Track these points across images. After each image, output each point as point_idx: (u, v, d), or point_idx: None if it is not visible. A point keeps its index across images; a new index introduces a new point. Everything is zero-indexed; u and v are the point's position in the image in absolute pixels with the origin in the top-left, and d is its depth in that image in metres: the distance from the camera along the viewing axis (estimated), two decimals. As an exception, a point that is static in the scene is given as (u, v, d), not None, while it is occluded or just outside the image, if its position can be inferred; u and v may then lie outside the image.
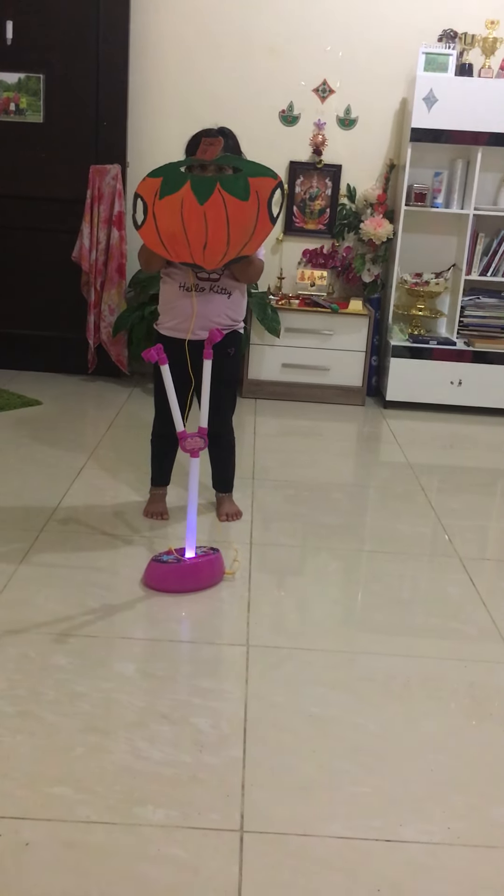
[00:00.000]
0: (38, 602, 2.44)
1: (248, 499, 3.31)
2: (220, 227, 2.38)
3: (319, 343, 4.82)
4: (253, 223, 2.42)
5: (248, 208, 2.38)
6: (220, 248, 2.44)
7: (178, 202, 2.35)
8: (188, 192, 2.34)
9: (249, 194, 2.36)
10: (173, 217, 2.38)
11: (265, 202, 2.40)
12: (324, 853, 1.60)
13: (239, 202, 2.36)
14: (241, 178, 2.37)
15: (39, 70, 4.73)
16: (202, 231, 2.38)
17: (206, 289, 2.77)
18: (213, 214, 2.35)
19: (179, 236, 2.41)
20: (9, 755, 1.80)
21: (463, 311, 4.90)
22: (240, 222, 2.39)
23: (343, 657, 2.29)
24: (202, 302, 2.77)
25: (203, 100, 4.80)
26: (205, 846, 1.59)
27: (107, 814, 1.66)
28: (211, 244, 2.41)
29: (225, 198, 2.34)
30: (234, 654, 2.25)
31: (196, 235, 2.40)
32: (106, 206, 4.73)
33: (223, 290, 2.80)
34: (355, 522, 3.32)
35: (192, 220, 2.37)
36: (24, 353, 5.06)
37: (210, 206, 2.34)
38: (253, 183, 2.37)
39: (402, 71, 4.79)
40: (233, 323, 2.88)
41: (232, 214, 2.37)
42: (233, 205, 2.36)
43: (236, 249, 2.47)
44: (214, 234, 2.39)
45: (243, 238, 2.44)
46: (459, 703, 2.12)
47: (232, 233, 2.40)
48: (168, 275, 2.81)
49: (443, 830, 1.68)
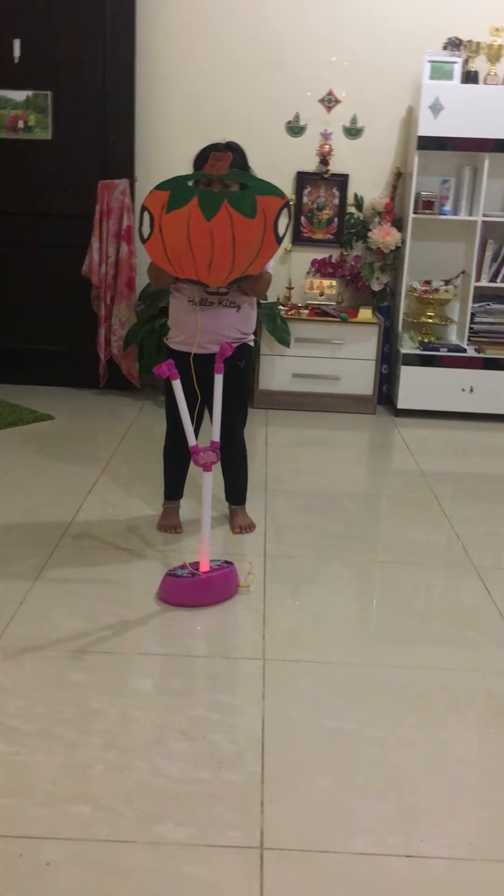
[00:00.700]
0: (54, 618, 2.44)
1: (260, 510, 3.32)
2: (226, 246, 2.38)
3: (329, 352, 4.82)
4: (259, 242, 2.42)
5: (254, 227, 2.38)
6: (225, 267, 2.44)
7: (185, 218, 2.36)
8: (195, 208, 2.34)
9: (256, 212, 2.36)
10: (179, 233, 2.38)
11: (272, 221, 2.40)
12: (345, 870, 1.60)
13: (246, 220, 2.36)
14: (249, 196, 2.37)
15: (47, 87, 4.77)
16: (208, 248, 2.38)
17: (215, 303, 2.78)
18: (220, 232, 2.35)
19: (185, 252, 2.41)
20: (28, 774, 1.81)
21: (473, 317, 4.90)
22: (246, 241, 2.39)
23: (359, 669, 2.29)
24: (211, 316, 2.78)
25: (210, 112, 4.82)
26: (225, 864, 1.59)
27: (126, 832, 1.66)
28: (216, 262, 2.41)
29: (232, 215, 2.34)
30: (251, 668, 2.25)
31: (201, 252, 2.40)
32: (115, 220, 4.75)
33: (232, 303, 2.80)
34: (368, 532, 3.31)
35: (198, 236, 2.37)
36: (36, 368, 5.09)
37: (216, 223, 2.34)
38: (260, 201, 2.37)
39: (408, 79, 4.80)
40: (242, 336, 2.88)
41: (238, 233, 2.37)
42: (239, 223, 2.35)
43: (241, 268, 2.47)
44: (220, 251, 2.39)
45: (249, 257, 2.44)
46: (477, 714, 2.12)
47: (237, 251, 2.40)
48: (177, 289, 2.82)
49: (464, 845, 1.67)
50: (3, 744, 1.89)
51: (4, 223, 4.94)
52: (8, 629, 2.37)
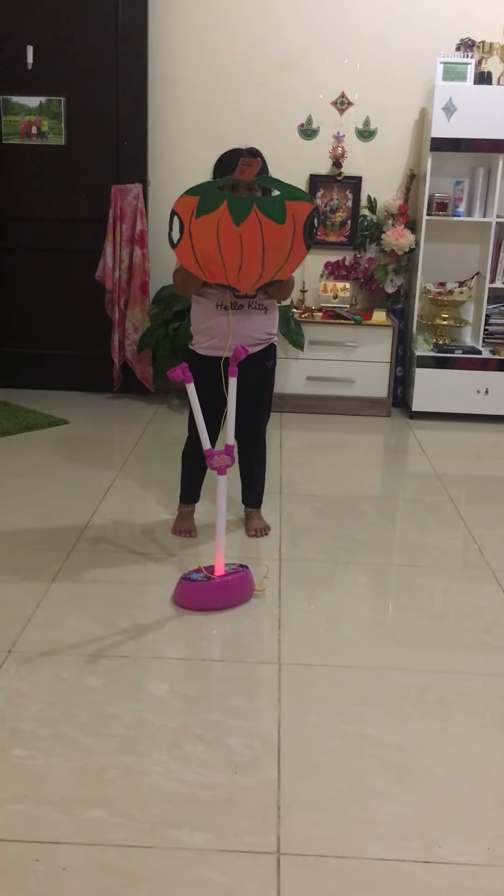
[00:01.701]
0: (69, 623, 2.45)
1: (276, 513, 3.31)
2: (256, 250, 2.38)
3: (344, 355, 4.81)
4: (288, 247, 2.42)
5: (283, 232, 2.38)
6: (255, 271, 2.44)
7: (215, 223, 2.35)
8: (224, 213, 2.34)
9: (286, 218, 2.36)
10: (209, 237, 2.38)
11: (301, 227, 2.40)
12: (362, 875, 1.58)
13: (275, 225, 2.36)
14: (279, 201, 2.37)
15: (60, 93, 4.79)
16: (237, 253, 2.39)
17: (245, 306, 2.78)
18: (249, 236, 2.35)
19: (215, 257, 2.42)
20: (44, 778, 1.80)
21: (488, 319, 4.87)
22: (275, 246, 2.39)
23: (375, 673, 2.27)
24: (241, 319, 2.78)
25: (222, 116, 4.83)
26: (242, 869, 1.58)
27: (143, 837, 1.65)
28: (246, 266, 2.41)
29: (261, 220, 2.34)
30: (266, 672, 2.24)
31: (231, 257, 2.40)
32: (128, 224, 4.77)
33: (260, 306, 2.81)
34: (384, 535, 3.29)
35: (228, 241, 2.37)
36: (50, 373, 5.11)
37: (246, 227, 2.34)
38: (290, 207, 2.37)
39: (421, 81, 4.79)
40: (269, 337, 2.90)
41: (268, 237, 2.37)
42: (269, 228, 2.36)
43: (271, 273, 2.47)
44: (250, 256, 2.39)
45: (278, 262, 2.44)
46: (495, 719, 2.10)
47: (267, 256, 2.40)
48: (202, 294, 2.81)
49: (482, 851, 1.65)
50: (19, 748, 1.89)
51: (18, 228, 4.97)
52: (24, 633, 2.37)
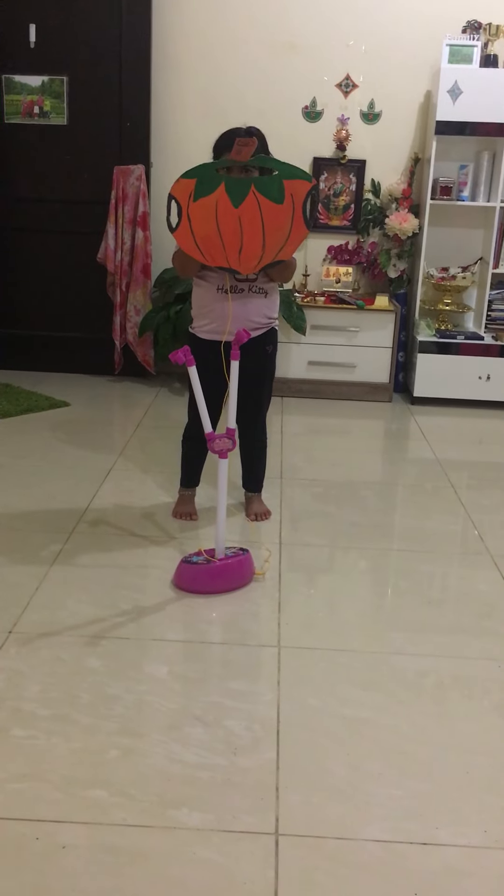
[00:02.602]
0: (69, 604, 2.45)
1: (276, 498, 3.31)
2: (256, 231, 2.36)
3: (346, 340, 4.80)
4: (288, 227, 2.40)
5: (283, 212, 2.36)
6: (255, 253, 2.42)
7: (213, 205, 2.33)
8: (222, 195, 2.32)
9: (284, 197, 2.34)
10: (208, 220, 2.36)
11: (300, 205, 2.38)
12: (360, 857, 1.60)
13: (274, 205, 2.34)
14: (276, 181, 2.34)
15: (63, 72, 4.75)
16: (237, 235, 2.37)
17: (245, 290, 2.76)
18: (248, 218, 2.33)
19: (215, 240, 2.40)
20: (44, 758, 1.81)
21: (490, 305, 4.85)
22: (275, 226, 2.37)
23: (375, 657, 2.28)
24: (241, 303, 2.76)
25: (226, 97, 4.79)
26: (240, 850, 1.59)
27: (142, 817, 1.66)
28: (246, 248, 2.39)
29: (260, 200, 2.32)
30: (266, 655, 2.25)
31: (231, 239, 2.38)
32: (130, 206, 4.74)
33: (260, 289, 2.79)
34: (384, 520, 3.30)
35: (227, 223, 2.35)
36: (51, 355, 5.10)
37: (245, 209, 2.32)
38: (288, 185, 2.35)
39: (426, 63, 4.75)
40: (270, 321, 2.88)
41: (267, 218, 2.35)
42: (268, 208, 2.34)
43: (272, 254, 2.45)
44: (250, 238, 2.37)
45: (279, 242, 2.42)
46: (493, 703, 2.11)
47: (267, 237, 2.38)
48: (203, 278, 2.79)
49: (479, 834, 1.66)
50: (19, 728, 1.90)
51: (19, 209, 4.94)
52: (24, 615, 2.38)
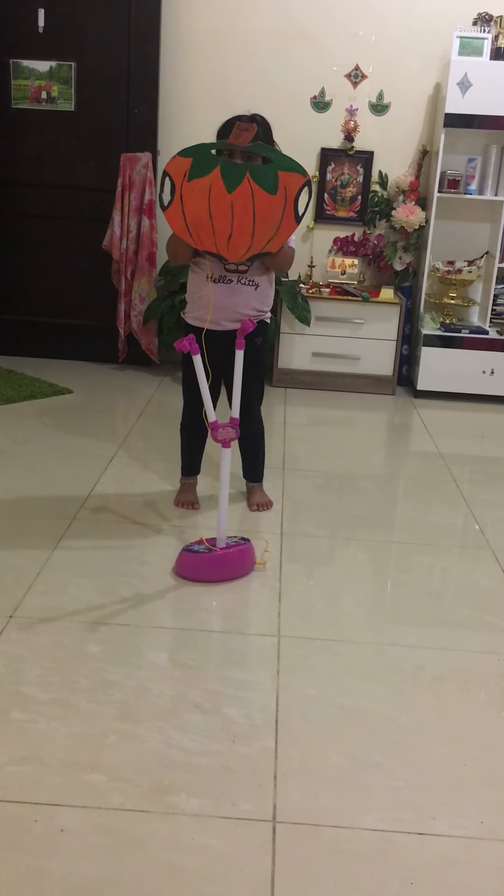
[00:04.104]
0: (70, 590, 2.46)
1: (278, 489, 3.31)
2: (247, 219, 2.35)
3: (350, 332, 4.79)
4: (279, 219, 2.39)
5: (275, 203, 2.35)
6: (244, 241, 2.41)
7: (207, 187, 2.33)
8: (217, 178, 2.32)
9: (278, 188, 2.34)
10: (200, 202, 2.36)
11: (292, 199, 2.37)
12: (356, 845, 1.60)
13: (267, 195, 2.33)
14: (272, 171, 2.34)
15: (71, 58, 4.73)
16: (228, 220, 2.36)
17: (234, 280, 2.75)
18: (240, 205, 2.33)
19: (205, 223, 2.39)
20: (43, 742, 1.82)
21: (496, 299, 4.85)
22: (266, 216, 2.36)
23: (374, 649, 2.28)
24: (229, 293, 2.75)
25: (234, 86, 4.77)
26: (237, 836, 1.60)
27: (140, 802, 1.67)
28: (236, 235, 2.39)
29: (253, 189, 2.32)
30: (265, 644, 2.26)
31: (222, 224, 2.37)
32: (137, 194, 4.73)
33: (251, 281, 2.77)
34: (385, 513, 3.30)
35: (219, 207, 2.35)
36: (55, 342, 5.09)
37: (237, 195, 2.32)
38: (282, 177, 2.34)
39: (436, 55, 4.73)
40: (259, 313, 2.85)
41: (259, 207, 2.34)
42: (260, 197, 2.33)
43: (261, 244, 2.44)
44: (240, 225, 2.36)
45: (268, 233, 2.41)
46: (491, 696, 2.11)
47: (257, 226, 2.37)
48: (196, 264, 2.79)
49: (476, 825, 1.67)
50: (19, 711, 1.91)
51: (26, 195, 4.93)
52: (25, 600, 2.38)
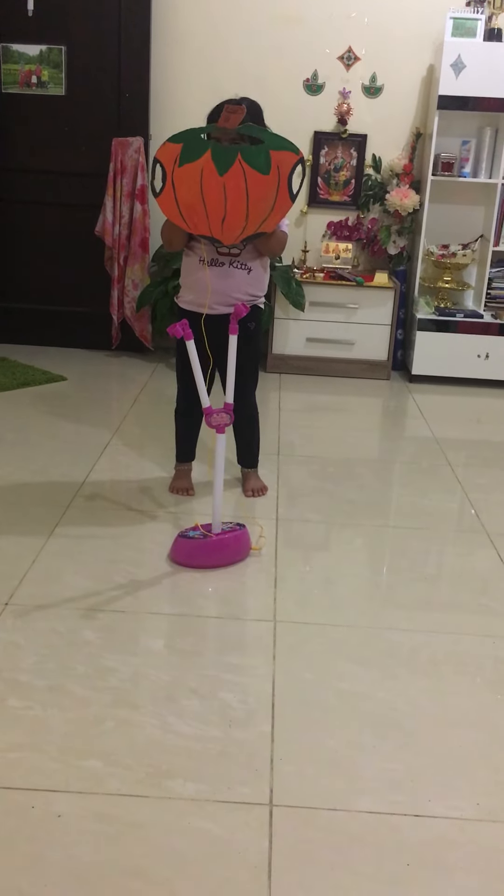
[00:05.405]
0: (65, 577, 2.45)
1: (273, 474, 3.31)
2: (240, 201, 2.34)
3: (344, 317, 4.77)
4: (272, 198, 2.38)
5: (268, 183, 2.34)
6: (238, 223, 2.40)
7: (198, 171, 2.32)
8: (208, 162, 2.30)
9: (270, 168, 2.32)
10: (192, 186, 2.35)
11: (286, 177, 2.35)
12: (353, 828, 1.61)
13: (259, 176, 2.32)
14: (263, 151, 2.32)
15: (61, 42, 4.68)
16: (221, 203, 2.35)
17: (226, 264, 2.74)
18: (233, 186, 2.31)
19: (198, 207, 2.38)
20: (40, 728, 1.82)
21: (490, 283, 4.83)
22: (259, 196, 2.35)
23: (370, 633, 2.29)
24: (221, 277, 2.74)
25: (226, 69, 4.73)
26: (235, 820, 1.61)
27: (137, 787, 1.67)
28: (229, 217, 2.37)
29: (245, 170, 2.30)
30: (262, 629, 2.26)
31: (214, 207, 2.36)
32: (129, 179, 4.69)
33: (243, 265, 2.76)
34: (381, 498, 3.30)
35: (211, 190, 2.33)
36: (48, 329, 5.07)
37: (230, 177, 2.30)
38: (274, 157, 2.32)
39: (429, 36, 4.69)
40: (252, 298, 2.84)
41: (252, 188, 2.33)
42: (253, 178, 2.31)
43: (255, 224, 2.43)
44: (233, 207, 2.35)
45: (262, 213, 2.40)
46: (486, 679, 2.12)
47: (251, 207, 2.36)
48: (190, 248, 2.78)
49: (471, 806, 1.68)
50: (16, 698, 1.91)
51: (17, 181, 4.88)
52: (20, 587, 2.38)
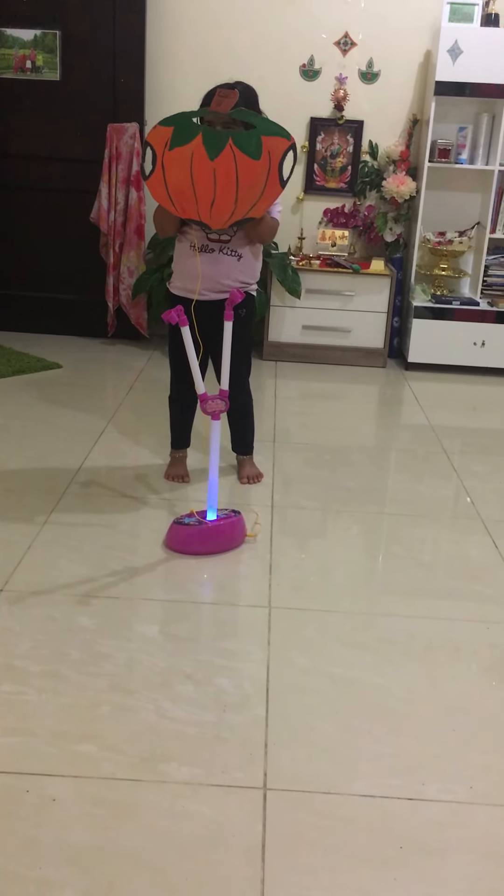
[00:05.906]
0: (61, 564, 2.45)
1: (269, 461, 3.31)
2: (229, 185, 2.33)
3: (341, 304, 4.76)
4: (262, 184, 2.37)
5: (258, 168, 2.33)
6: (227, 207, 2.39)
7: (189, 155, 2.31)
8: (199, 146, 2.29)
9: (261, 153, 2.31)
10: (182, 170, 2.33)
11: (276, 163, 2.34)
12: (346, 811, 1.62)
13: (250, 161, 2.31)
14: (255, 136, 2.31)
15: (56, 26, 4.64)
16: (210, 187, 2.34)
17: (216, 250, 2.72)
18: (223, 171, 2.30)
19: (187, 191, 2.37)
20: (35, 713, 1.83)
21: (487, 270, 4.82)
22: (249, 182, 2.34)
23: (365, 619, 2.29)
24: (211, 263, 2.73)
25: (222, 55, 4.70)
26: (229, 803, 1.61)
27: (132, 771, 1.68)
28: (219, 202, 2.36)
29: (236, 155, 2.29)
30: (257, 615, 2.26)
31: (204, 191, 2.35)
32: (124, 165, 4.66)
33: (233, 252, 2.74)
34: (377, 485, 3.30)
35: (201, 175, 2.32)
36: (44, 316, 5.05)
37: (220, 162, 2.29)
38: (266, 142, 2.31)
39: (426, 22, 4.66)
40: (243, 285, 2.82)
41: (242, 173, 2.32)
42: (243, 163, 2.30)
43: (244, 210, 2.42)
44: (223, 191, 2.34)
45: (252, 198, 2.39)
46: (481, 665, 2.13)
47: (241, 192, 2.35)
48: (182, 233, 2.77)
49: (465, 789, 1.69)
50: (10, 684, 1.91)
51: (11, 167, 4.85)
52: (15, 573, 2.38)
